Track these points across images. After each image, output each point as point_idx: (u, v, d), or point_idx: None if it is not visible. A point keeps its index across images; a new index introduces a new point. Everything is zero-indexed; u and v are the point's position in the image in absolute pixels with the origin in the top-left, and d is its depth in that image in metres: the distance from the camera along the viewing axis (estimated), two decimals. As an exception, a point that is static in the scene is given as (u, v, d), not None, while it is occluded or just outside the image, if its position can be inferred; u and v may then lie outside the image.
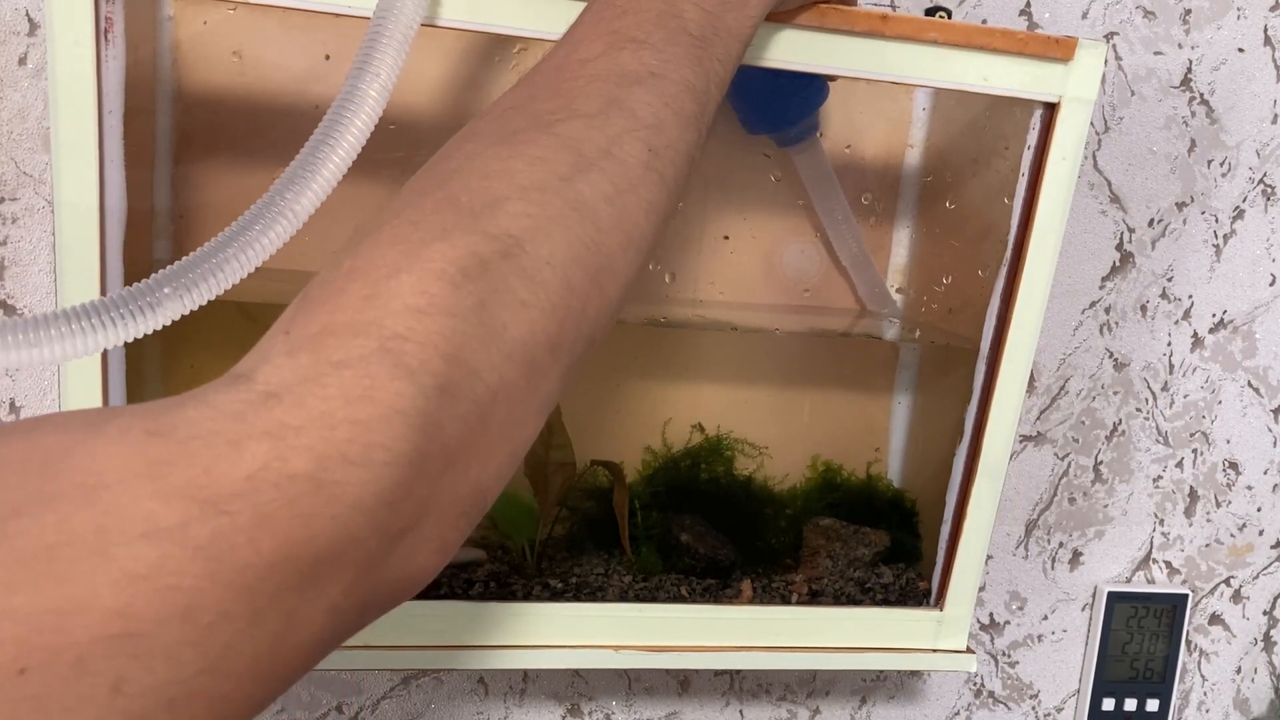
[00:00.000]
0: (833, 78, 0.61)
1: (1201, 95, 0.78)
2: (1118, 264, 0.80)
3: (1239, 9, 0.76)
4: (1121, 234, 0.79)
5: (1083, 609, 0.87)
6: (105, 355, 0.52)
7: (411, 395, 0.30)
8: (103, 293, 0.51)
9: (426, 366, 0.31)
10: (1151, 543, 0.87)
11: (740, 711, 0.83)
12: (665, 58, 0.40)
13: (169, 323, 0.37)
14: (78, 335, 0.35)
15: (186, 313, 0.37)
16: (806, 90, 0.65)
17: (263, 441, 0.28)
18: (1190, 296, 0.82)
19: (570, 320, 0.35)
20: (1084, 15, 0.74)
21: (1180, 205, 0.80)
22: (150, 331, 0.37)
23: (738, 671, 0.81)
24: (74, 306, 0.36)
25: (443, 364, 0.31)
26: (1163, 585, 0.87)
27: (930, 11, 0.61)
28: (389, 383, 0.30)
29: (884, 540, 0.70)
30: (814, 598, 0.68)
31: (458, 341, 0.32)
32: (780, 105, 0.65)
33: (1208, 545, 0.88)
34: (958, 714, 0.87)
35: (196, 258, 0.38)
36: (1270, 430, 0.86)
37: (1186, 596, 0.86)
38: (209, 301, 0.38)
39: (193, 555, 0.26)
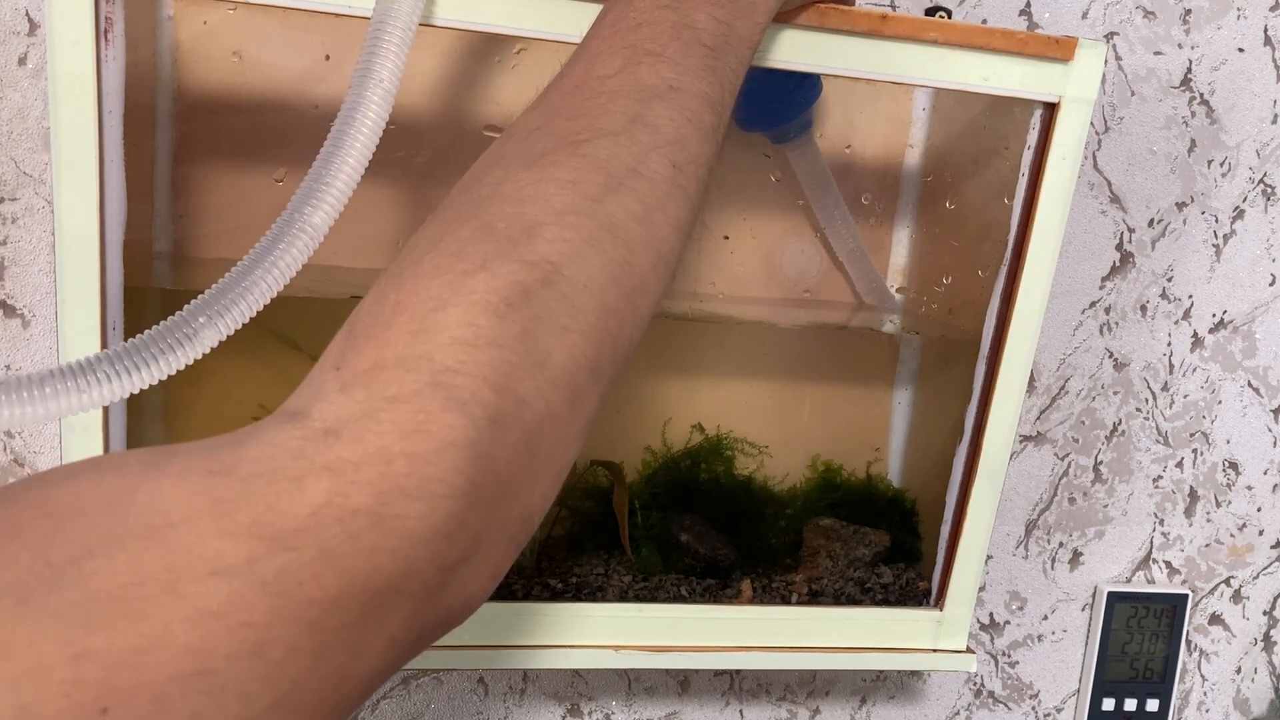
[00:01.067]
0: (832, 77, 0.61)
1: (1201, 95, 0.78)
2: (1118, 264, 0.80)
3: (1239, 9, 0.76)
4: (1121, 234, 0.79)
5: (1083, 609, 0.87)
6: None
7: (464, 427, 0.31)
8: (102, 292, 0.51)
9: (477, 398, 0.31)
10: (1151, 543, 0.87)
11: (740, 711, 0.83)
12: (683, 70, 0.40)
13: (207, 351, 0.38)
14: (124, 375, 0.36)
15: (223, 339, 0.38)
16: (801, 87, 0.65)
17: (323, 477, 0.28)
18: (1190, 296, 0.82)
19: (608, 342, 0.36)
20: (1084, 15, 0.74)
21: (1180, 205, 0.80)
22: (190, 362, 0.37)
23: (738, 671, 0.81)
24: (116, 348, 0.36)
25: (493, 395, 0.31)
26: (1163, 585, 0.87)
27: (930, 11, 0.61)
28: (442, 416, 0.30)
29: (884, 540, 0.70)
30: (814, 598, 0.68)
31: (505, 371, 0.32)
32: (775, 102, 0.65)
33: (1208, 545, 0.88)
34: (958, 714, 0.87)
35: (226, 284, 0.38)
36: (1270, 430, 0.86)
37: (1186, 596, 0.86)
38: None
39: (261, 591, 0.26)
